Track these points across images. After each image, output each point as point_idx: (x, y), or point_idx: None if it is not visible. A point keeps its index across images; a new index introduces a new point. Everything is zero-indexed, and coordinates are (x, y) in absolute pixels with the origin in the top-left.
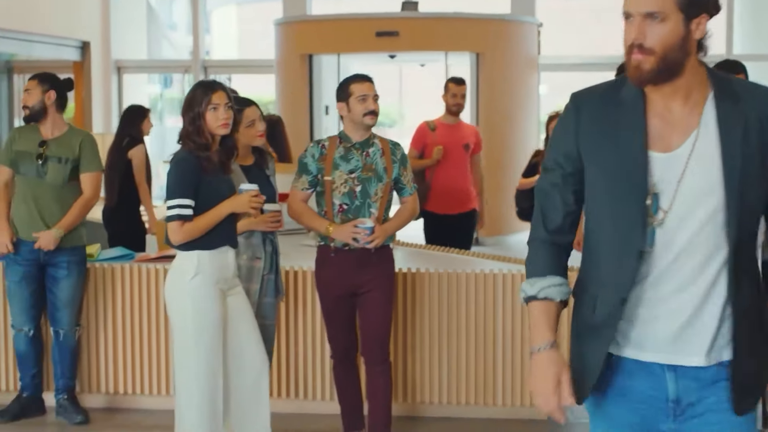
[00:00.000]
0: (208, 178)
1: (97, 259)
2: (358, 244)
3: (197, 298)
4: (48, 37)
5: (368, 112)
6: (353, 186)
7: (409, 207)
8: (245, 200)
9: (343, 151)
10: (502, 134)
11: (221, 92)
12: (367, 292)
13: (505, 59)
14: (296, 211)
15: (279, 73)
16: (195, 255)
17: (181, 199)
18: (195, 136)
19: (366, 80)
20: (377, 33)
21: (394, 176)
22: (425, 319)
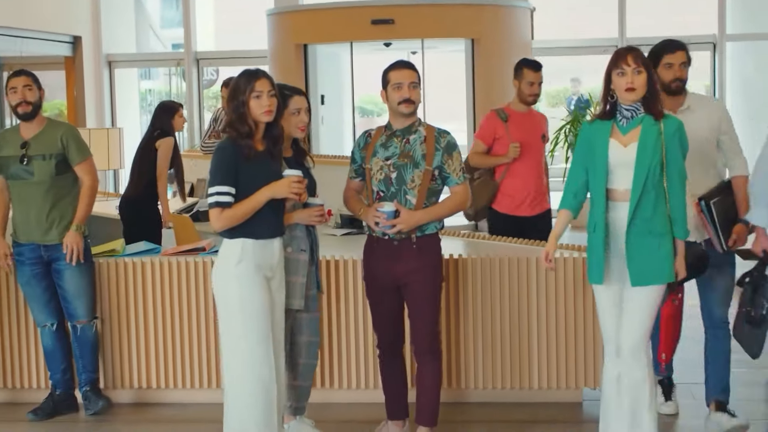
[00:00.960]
0: (249, 165)
1: (123, 254)
2: (379, 228)
3: (243, 285)
4: (39, 33)
5: (403, 100)
6: (389, 173)
7: (457, 198)
8: (285, 185)
9: (384, 138)
10: None
11: (264, 80)
12: (412, 283)
13: (501, 45)
14: (345, 197)
15: (273, 64)
16: (240, 242)
17: (220, 186)
18: (238, 123)
19: (403, 67)
20: (372, 21)
21: (435, 164)
22: (468, 305)
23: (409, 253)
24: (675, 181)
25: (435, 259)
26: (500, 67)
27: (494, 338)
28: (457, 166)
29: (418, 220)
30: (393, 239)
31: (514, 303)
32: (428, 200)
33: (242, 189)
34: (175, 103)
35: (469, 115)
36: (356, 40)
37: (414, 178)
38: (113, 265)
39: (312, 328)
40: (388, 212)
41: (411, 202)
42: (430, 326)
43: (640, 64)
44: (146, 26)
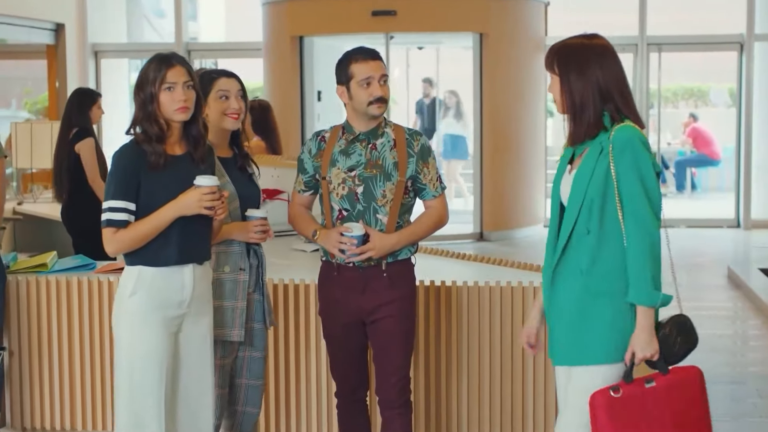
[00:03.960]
0: (161, 174)
1: (51, 270)
2: (345, 257)
3: (134, 323)
4: (18, 19)
5: (374, 100)
6: (353, 186)
7: (433, 213)
8: (194, 198)
9: (344, 144)
10: (508, 120)
11: (179, 68)
12: (379, 320)
13: (511, 40)
14: (290, 215)
15: (267, 57)
16: (136, 270)
17: (114, 201)
18: (146, 123)
19: (371, 58)
20: (373, 12)
21: (409, 174)
22: (451, 342)
23: (378, 284)
24: (629, 220)
25: (409, 291)
26: (510, 65)
27: (483, 380)
28: (434, 174)
29: (393, 245)
30: (358, 267)
31: (507, 339)
32: (401, 218)
33: (150, 203)
34: (93, 91)
35: (476, 115)
36: (355, 32)
37: (386, 192)
38: (34, 284)
39: (255, 370)
40: (357, 237)
41: (382, 222)
42: (401, 371)
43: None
44: (140, 16)
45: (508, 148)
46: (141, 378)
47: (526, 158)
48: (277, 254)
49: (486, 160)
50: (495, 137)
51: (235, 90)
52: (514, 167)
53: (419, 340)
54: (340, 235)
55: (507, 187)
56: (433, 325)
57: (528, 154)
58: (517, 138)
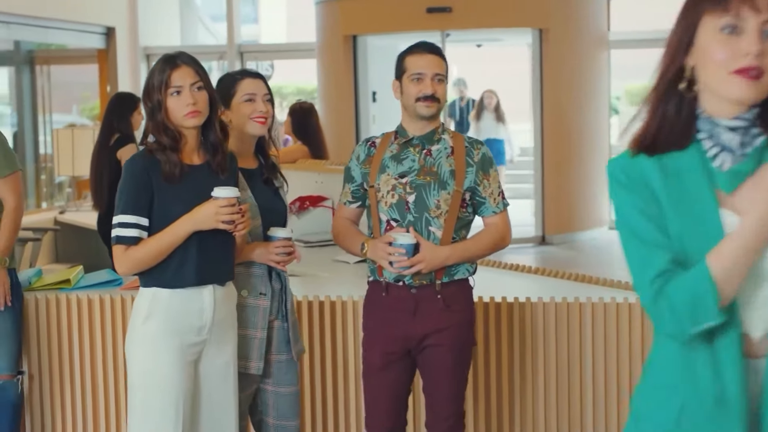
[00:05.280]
0: (178, 185)
1: (75, 287)
2: (393, 270)
3: (147, 351)
4: (69, 23)
5: (423, 96)
6: (404, 194)
7: (492, 231)
8: (210, 211)
9: (396, 148)
10: (570, 120)
11: (185, 68)
12: (431, 347)
13: (572, 36)
14: (335, 230)
15: (320, 58)
16: (150, 293)
17: (124, 216)
18: (156, 132)
19: (427, 51)
20: (428, 9)
21: (467, 184)
22: (513, 366)
23: (431, 306)
24: None
25: (466, 316)
26: (571, 61)
27: (549, 412)
28: (495, 188)
29: (445, 259)
30: (409, 286)
31: (577, 364)
32: (457, 233)
33: (165, 218)
34: (134, 95)
35: (536, 115)
36: (410, 30)
37: (440, 202)
38: (54, 302)
39: (284, 409)
40: (406, 246)
41: (435, 236)
42: (454, 407)
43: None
44: (194, 19)
45: (570, 147)
46: (156, 412)
47: (589, 158)
48: (317, 266)
49: (547, 161)
50: (556, 137)
51: (262, 92)
52: (577, 167)
53: (477, 365)
54: (387, 244)
55: (570, 189)
56: (493, 348)
57: (591, 154)
58: (579, 137)
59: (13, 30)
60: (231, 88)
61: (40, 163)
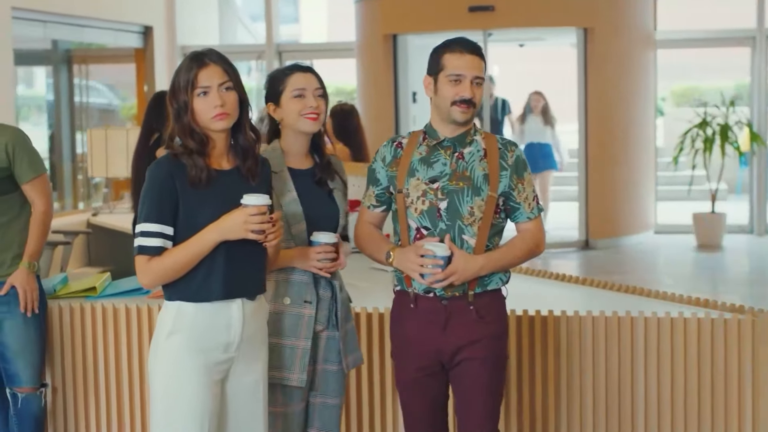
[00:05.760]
0: (197, 193)
1: (101, 294)
2: (425, 281)
3: (169, 369)
4: (107, 22)
5: (459, 101)
6: (435, 201)
7: (527, 238)
8: (239, 220)
9: (425, 150)
10: (616, 121)
11: (213, 67)
12: (463, 362)
13: (618, 35)
14: (357, 235)
15: (360, 57)
16: (174, 307)
17: (147, 224)
18: (182, 136)
19: (468, 51)
20: (470, 8)
21: (501, 189)
22: (549, 385)
23: (463, 319)
24: None
25: (499, 328)
26: (617, 61)
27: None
28: (530, 193)
29: (479, 270)
30: (440, 297)
31: (615, 382)
32: (490, 241)
33: (190, 226)
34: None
35: (581, 116)
36: (451, 29)
37: (474, 209)
38: (78, 311)
39: (326, 419)
40: (442, 257)
41: (469, 245)
42: (489, 425)
43: None
44: (233, 18)
45: (615, 149)
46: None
47: (635, 160)
48: (354, 274)
49: (592, 163)
50: (601, 138)
51: (313, 87)
52: (622, 170)
53: (511, 384)
54: (420, 256)
55: (614, 192)
56: (528, 365)
57: (637, 156)
58: (625, 139)
59: (49, 29)
60: (280, 83)
61: (77, 163)
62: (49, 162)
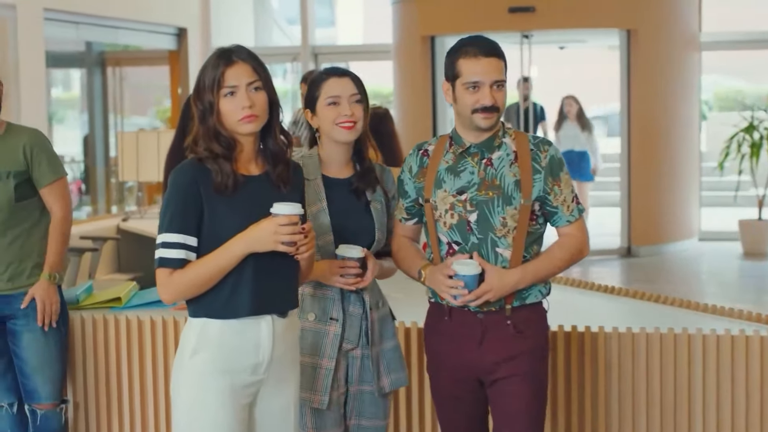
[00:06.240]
0: (223, 200)
1: (126, 305)
2: (457, 302)
3: (193, 392)
4: (140, 24)
5: (480, 108)
6: (465, 213)
7: (568, 243)
8: (268, 231)
9: (452, 158)
10: (659, 125)
11: (241, 65)
12: (501, 380)
13: (661, 37)
14: (393, 250)
15: (397, 59)
16: (199, 324)
17: (169, 234)
18: (206, 139)
19: (484, 54)
20: (510, 9)
21: (536, 195)
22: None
23: (500, 334)
24: None
25: (539, 343)
26: (660, 64)
27: None
28: (568, 194)
29: (515, 284)
30: (475, 311)
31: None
32: (528, 251)
33: (215, 237)
34: None
35: (623, 119)
36: (490, 30)
37: (506, 219)
38: (101, 323)
39: None
40: (468, 278)
41: (504, 258)
42: None
43: None
44: (269, 20)
45: (658, 154)
46: None
47: (679, 165)
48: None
49: (634, 168)
50: (644, 143)
51: (348, 93)
52: (666, 175)
53: (558, 405)
54: (448, 277)
55: (658, 197)
56: (577, 385)
57: (680, 161)
58: (668, 143)
59: (82, 30)
60: (316, 89)
61: (110, 166)
62: (83, 165)
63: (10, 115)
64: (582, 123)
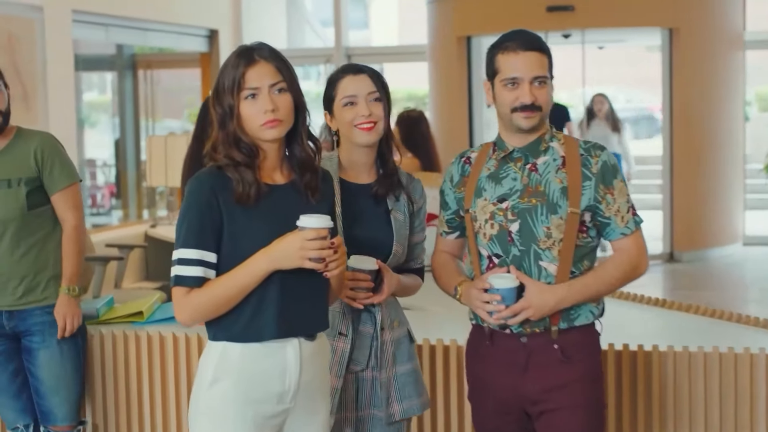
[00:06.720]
0: (245, 212)
1: (148, 320)
2: (494, 320)
3: (212, 423)
4: (171, 26)
5: (520, 107)
6: (505, 223)
7: (622, 259)
8: (294, 246)
9: (494, 164)
10: (702, 126)
11: (263, 64)
12: (549, 412)
13: (705, 36)
14: (433, 267)
15: (432, 60)
16: (219, 348)
17: (185, 250)
18: (227, 146)
19: (524, 48)
20: (548, 8)
21: (585, 203)
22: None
23: (546, 359)
24: None
25: (591, 370)
26: (704, 64)
27: None
28: (623, 204)
29: (558, 302)
30: (519, 334)
31: None
32: (577, 267)
33: (237, 252)
34: None
35: (665, 120)
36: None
37: (551, 230)
38: (122, 339)
39: None
40: (504, 291)
41: (548, 273)
42: None
43: None
44: (301, 22)
45: (702, 156)
46: None
47: (723, 168)
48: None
49: (677, 171)
50: (687, 145)
51: (365, 91)
52: (710, 178)
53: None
54: (482, 291)
55: (701, 201)
56: (629, 412)
57: (725, 164)
58: (712, 145)
59: (111, 32)
60: (332, 89)
61: (141, 170)
62: (115, 170)
63: (37, 119)
64: (612, 123)
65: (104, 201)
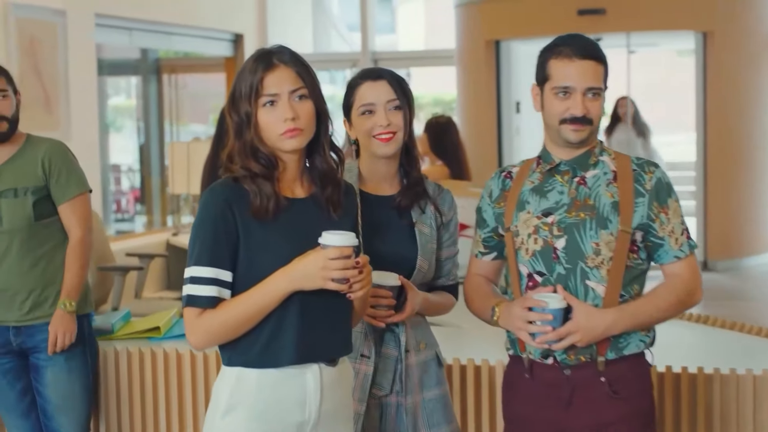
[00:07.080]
0: (263, 227)
1: (166, 335)
2: (536, 344)
3: None
4: (195, 30)
5: (570, 119)
6: (551, 238)
7: (676, 285)
8: (316, 265)
9: (539, 177)
10: (737, 132)
11: (284, 69)
12: None
13: (740, 39)
14: (465, 290)
15: (460, 65)
16: (234, 374)
17: (198, 268)
18: (244, 157)
19: (580, 56)
20: (579, 11)
21: (637, 221)
22: None
23: (592, 393)
24: None
25: (642, 405)
26: (739, 68)
27: None
28: (677, 225)
29: (608, 327)
30: (562, 365)
31: None
32: (627, 289)
33: (254, 270)
34: None
35: (699, 125)
36: (557, 34)
37: (600, 246)
38: (137, 356)
39: None
40: (552, 312)
41: (596, 293)
42: None
43: None
44: (328, 26)
45: (737, 163)
46: None
47: (760, 175)
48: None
49: (711, 177)
50: (722, 151)
51: (384, 99)
52: (745, 184)
53: None
54: (527, 309)
55: (736, 208)
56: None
57: (761, 170)
58: (748, 152)
59: (135, 37)
60: (350, 96)
61: (166, 176)
62: (139, 175)
63: (59, 124)
64: (638, 128)
65: (129, 206)
